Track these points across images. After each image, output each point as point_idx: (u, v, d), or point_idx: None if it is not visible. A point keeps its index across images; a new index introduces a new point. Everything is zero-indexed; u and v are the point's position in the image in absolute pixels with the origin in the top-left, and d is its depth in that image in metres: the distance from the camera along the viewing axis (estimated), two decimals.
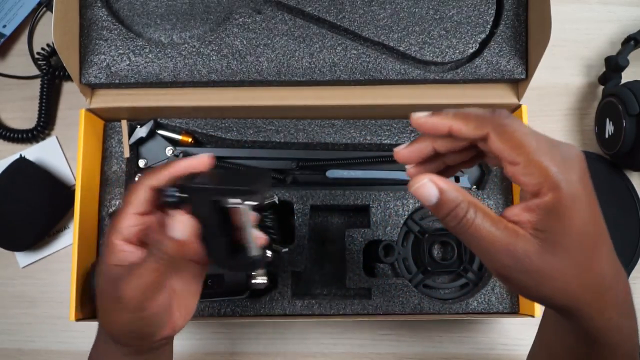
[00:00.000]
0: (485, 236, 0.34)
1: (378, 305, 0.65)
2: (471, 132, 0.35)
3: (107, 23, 0.65)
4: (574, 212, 0.33)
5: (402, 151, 0.39)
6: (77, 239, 0.62)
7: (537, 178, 0.33)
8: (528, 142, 0.34)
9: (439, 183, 0.35)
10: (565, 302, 0.36)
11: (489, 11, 0.66)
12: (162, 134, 0.69)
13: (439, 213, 0.36)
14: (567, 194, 0.33)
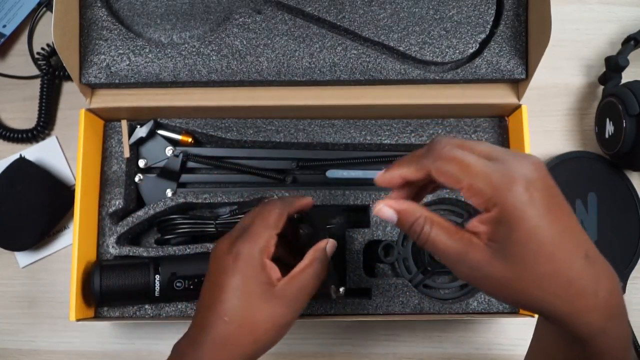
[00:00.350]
0: (441, 247, 0.38)
1: (378, 305, 0.65)
2: (417, 175, 0.40)
3: (107, 23, 0.65)
4: (522, 223, 0.35)
5: (378, 179, 0.43)
6: (77, 239, 0.62)
7: (479, 198, 0.36)
8: (466, 166, 0.37)
9: (394, 206, 0.40)
10: (535, 307, 0.37)
11: (489, 11, 0.66)
12: (162, 134, 0.69)
13: (402, 229, 0.41)
14: (511, 207, 0.35)
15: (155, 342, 0.70)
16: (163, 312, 0.66)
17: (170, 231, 0.67)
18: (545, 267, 0.35)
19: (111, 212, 0.67)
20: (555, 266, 0.35)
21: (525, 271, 0.36)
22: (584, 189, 0.70)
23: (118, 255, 0.66)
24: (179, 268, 0.64)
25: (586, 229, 0.69)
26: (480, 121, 0.69)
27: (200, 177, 0.70)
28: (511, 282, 0.36)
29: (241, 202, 0.67)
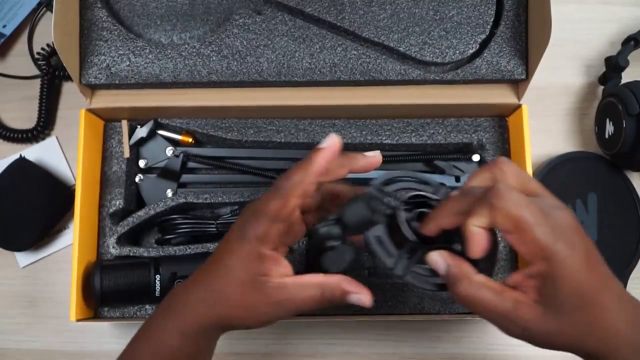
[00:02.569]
0: (489, 307, 0.38)
1: (378, 305, 0.65)
2: (481, 223, 0.39)
3: (107, 24, 0.65)
4: (567, 278, 0.36)
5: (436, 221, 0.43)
6: (77, 239, 0.62)
7: (530, 248, 0.37)
8: (520, 216, 0.37)
9: (448, 259, 0.41)
10: (577, 352, 0.39)
11: (489, 11, 0.66)
12: (162, 134, 0.69)
13: (446, 280, 0.41)
14: (558, 262, 0.36)
15: None
16: None
17: (170, 231, 0.67)
18: (590, 316, 0.37)
19: (111, 212, 0.67)
20: (598, 313, 0.37)
21: (574, 322, 0.37)
22: (584, 189, 0.70)
23: (118, 255, 0.66)
24: (180, 268, 0.64)
25: (586, 229, 0.69)
26: (480, 121, 0.69)
27: (201, 177, 0.70)
28: (561, 333, 0.37)
29: (242, 202, 0.67)
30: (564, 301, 0.37)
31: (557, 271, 0.36)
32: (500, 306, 0.38)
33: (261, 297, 0.44)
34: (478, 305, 0.39)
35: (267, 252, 0.44)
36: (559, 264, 0.36)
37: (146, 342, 0.47)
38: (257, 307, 0.44)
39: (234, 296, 0.44)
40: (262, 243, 0.44)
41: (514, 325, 0.38)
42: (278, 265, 0.45)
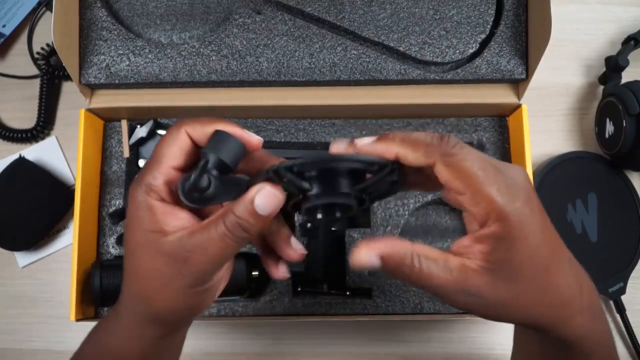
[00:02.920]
0: (435, 281, 0.34)
1: (378, 305, 0.65)
2: (418, 160, 0.35)
3: (106, 23, 0.65)
4: (523, 241, 0.33)
5: (364, 147, 0.37)
6: (77, 239, 0.62)
7: (484, 209, 0.33)
8: (474, 172, 0.33)
9: (377, 246, 0.35)
10: (529, 322, 0.36)
11: (489, 11, 0.66)
12: (162, 134, 0.69)
13: (386, 271, 0.35)
14: (515, 223, 0.33)
15: None
16: None
17: None
18: (545, 281, 0.35)
19: (111, 212, 0.67)
20: (551, 279, 0.35)
21: (526, 289, 0.34)
22: (584, 189, 0.70)
23: (118, 255, 0.66)
24: None
25: (586, 229, 0.69)
26: (480, 120, 0.69)
27: None
28: (513, 301, 0.34)
29: None
30: (518, 266, 0.34)
31: (512, 233, 0.33)
32: (449, 279, 0.34)
33: (162, 258, 0.36)
34: (424, 282, 0.34)
35: (155, 203, 0.37)
36: (515, 225, 0.33)
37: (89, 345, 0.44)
38: (163, 276, 0.36)
39: (137, 269, 0.37)
40: (148, 192, 0.37)
41: (462, 296, 0.34)
42: (172, 215, 0.37)
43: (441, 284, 0.34)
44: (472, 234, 0.34)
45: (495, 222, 0.33)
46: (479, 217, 0.34)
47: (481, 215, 0.33)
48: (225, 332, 0.70)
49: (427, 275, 0.34)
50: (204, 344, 0.69)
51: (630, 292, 0.68)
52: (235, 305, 0.65)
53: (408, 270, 0.34)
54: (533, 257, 0.34)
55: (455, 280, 0.34)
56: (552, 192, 0.69)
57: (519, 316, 0.35)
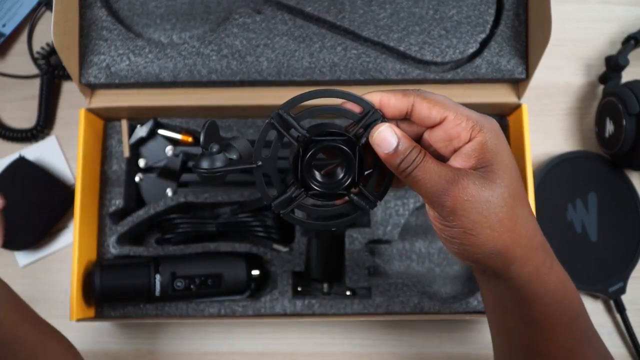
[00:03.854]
0: (431, 176, 0.37)
1: (378, 305, 0.65)
2: (397, 102, 0.39)
3: (107, 23, 0.65)
4: (502, 148, 0.38)
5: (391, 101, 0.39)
6: (77, 239, 0.62)
7: (468, 124, 0.38)
8: (450, 101, 0.39)
9: (396, 130, 0.38)
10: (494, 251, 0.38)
11: (489, 11, 0.66)
12: (162, 134, 0.69)
13: (394, 159, 0.38)
14: (494, 133, 0.38)
15: (155, 342, 0.70)
16: (163, 311, 0.66)
17: (170, 231, 0.67)
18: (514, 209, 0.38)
19: (111, 211, 0.67)
20: (519, 209, 0.39)
21: (502, 207, 0.37)
22: (584, 188, 0.70)
23: (118, 255, 0.66)
24: (180, 268, 0.64)
25: (586, 228, 0.69)
26: None
27: None
28: (490, 218, 0.37)
29: (242, 202, 0.67)
30: (501, 168, 0.38)
31: (494, 140, 0.38)
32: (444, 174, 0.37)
33: None
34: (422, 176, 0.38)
35: None
36: (495, 135, 0.38)
37: None
38: None
39: None
40: None
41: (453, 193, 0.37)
42: None
43: (435, 178, 0.37)
44: (459, 154, 0.38)
45: (480, 132, 0.38)
46: (464, 134, 0.38)
47: (466, 131, 0.38)
48: (225, 331, 0.70)
49: (425, 169, 0.37)
50: (204, 344, 0.69)
51: (630, 292, 0.68)
52: (235, 305, 0.65)
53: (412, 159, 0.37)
54: (510, 168, 0.38)
55: (450, 177, 0.37)
56: (552, 192, 0.69)
57: (489, 243, 0.38)
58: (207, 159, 0.41)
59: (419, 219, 0.70)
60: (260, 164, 0.41)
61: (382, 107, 0.39)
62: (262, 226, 0.66)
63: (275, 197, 0.41)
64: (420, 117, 0.39)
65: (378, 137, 0.38)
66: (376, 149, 0.38)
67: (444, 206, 0.37)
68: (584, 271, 0.68)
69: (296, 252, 0.66)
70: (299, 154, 0.40)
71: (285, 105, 0.40)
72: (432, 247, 0.70)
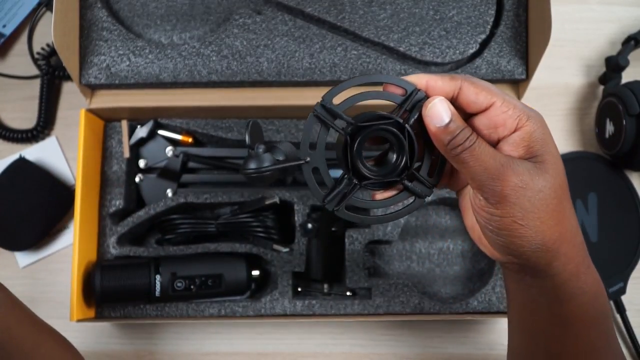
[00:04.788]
0: (485, 158, 0.36)
1: (378, 305, 0.65)
2: (446, 85, 0.38)
3: (107, 24, 0.65)
4: (550, 140, 0.37)
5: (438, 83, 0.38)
6: (77, 239, 0.62)
7: (515, 112, 0.37)
8: (495, 88, 0.38)
9: (450, 106, 0.37)
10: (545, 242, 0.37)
11: (489, 11, 0.66)
12: (162, 134, 0.69)
13: (444, 136, 0.36)
14: (541, 124, 0.37)
15: (156, 342, 0.70)
16: (164, 312, 0.66)
17: (170, 231, 0.67)
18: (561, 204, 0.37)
19: (111, 212, 0.67)
20: (565, 206, 0.38)
21: (551, 202, 0.36)
22: (584, 189, 0.70)
23: (119, 255, 0.66)
24: (180, 268, 0.64)
25: (586, 229, 0.69)
26: None
27: (201, 177, 0.70)
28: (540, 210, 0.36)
29: (242, 202, 0.67)
30: (550, 158, 0.37)
31: (542, 129, 0.37)
32: (499, 159, 0.36)
33: None
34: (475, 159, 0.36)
35: None
36: (543, 124, 0.37)
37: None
38: None
39: None
40: None
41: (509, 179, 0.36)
42: None
43: (489, 164, 0.36)
44: (509, 138, 0.37)
45: (527, 121, 0.37)
46: (511, 122, 0.37)
47: (513, 120, 0.37)
48: (225, 332, 0.70)
49: (480, 152, 0.36)
50: (204, 344, 0.70)
51: (630, 292, 0.68)
52: (235, 305, 0.65)
53: (465, 138, 0.36)
54: (558, 166, 0.37)
55: (504, 162, 0.36)
56: None
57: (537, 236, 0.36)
58: (254, 159, 0.40)
59: (419, 219, 0.70)
60: (308, 159, 0.39)
61: (429, 89, 0.38)
62: (262, 227, 0.66)
63: (327, 194, 0.39)
64: (468, 101, 0.37)
65: (432, 110, 0.37)
66: (428, 122, 0.37)
67: (496, 192, 0.36)
68: None
69: (296, 253, 0.66)
70: (346, 144, 0.38)
71: (326, 95, 0.38)
72: (432, 248, 0.70)
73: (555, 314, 0.40)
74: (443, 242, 0.70)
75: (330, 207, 0.39)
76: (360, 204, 0.39)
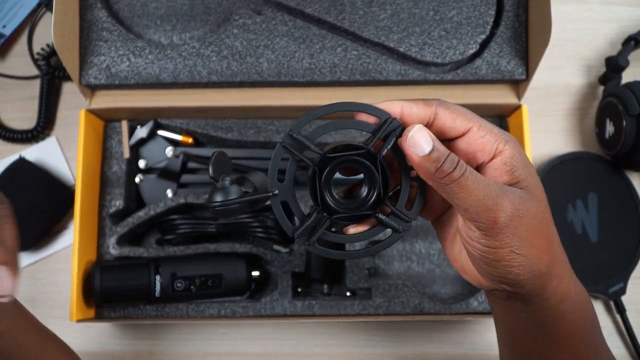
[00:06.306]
0: (479, 187, 0.34)
1: (378, 306, 0.65)
2: (421, 111, 0.36)
3: (107, 24, 0.65)
4: (529, 163, 0.37)
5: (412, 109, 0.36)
6: (77, 239, 0.62)
7: (492, 137, 0.36)
8: (471, 113, 0.37)
9: (433, 138, 0.34)
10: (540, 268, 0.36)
11: (489, 12, 0.66)
12: (162, 135, 0.69)
13: (429, 165, 0.34)
14: (518, 148, 0.36)
15: (156, 343, 0.70)
16: (163, 312, 0.66)
17: (170, 231, 0.67)
18: (548, 229, 0.37)
19: (111, 212, 0.67)
20: (551, 229, 0.37)
21: (540, 227, 0.36)
22: (584, 189, 0.70)
23: (119, 255, 0.66)
24: (180, 268, 0.64)
25: (586, 229, 0.69)
26: None
27: (201, 177, 0.70)
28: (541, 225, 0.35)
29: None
30: (533, 181, 0.36)
31: (522, 156, 0.36)
32: (492, 189, 0.34)
33: None
34: (464, 189, 0.34)
35: None
36: (520, 152, 0.36)
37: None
38: None
39: None
40: None
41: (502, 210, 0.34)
42: None
43: (481, 192, 0.34)
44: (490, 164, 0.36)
45: (506, 145, 0.36)
46: (489, 147, 0.36)
47: (491, 145, 0.36)
48: (225, 332, 0.70)
49: (471, 181, 0.34)
50: (204, 345, 0.70)
51: (630, 292, 0.68)
52: (235, 305, 0.65)
53: (451, 168, 0.34)
54: (542, 190, 0.36)
55: (496, 192, 0.34)
56: (552, 193, 0.68)
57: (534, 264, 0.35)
58: (219, 192, 0.38)
59: (419, 219, 0.70)
60: (276, 192, 0.37)
61: (403, 116, 0.36)
62: (262, 227, 0.66)
63: (297, 227, 0.37)
64: (444, 127, 0.36)
65: (412, 139, 0.34)
66: (410, 152, 0.34)
67: (495, 222, 0.34)
68: (584, 272, 0.67)
69: (296, 253, 0.66)
70: (315, 175, 0.36)
71: (295, 125, 0.37)
72: (432, 248, 0.70)
73: (547, 334, 0.39)
74: None
75: (300, 242, 0.37)
76: (333, 239, 0.38)
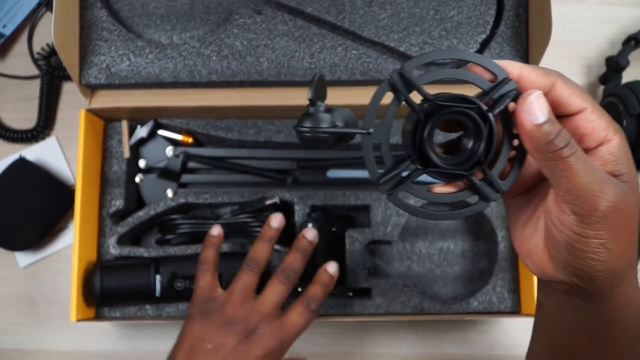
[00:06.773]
0: (588, 169, 0.32)
1: (378, 306, 0.65)
2: (539, 79, 0.33)
3: (107, 24, 0.65)
4: (631, 157, 0.34)
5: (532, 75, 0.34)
6: (77, 239, 0.62)
7: (603, 123, 0.33)
8: (587, 94, 0.34)
9: (550, 111, 0.32)
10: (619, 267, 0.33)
11: (489, 11, 0.66)
12: (162, 134, 0.69)
13: (540, 135, 0.32)
14: (625, 139, 0.33)
15: (156, 343, 0.70)
16: (164, 312, 0.66)
17: (170, 231, 0.67)
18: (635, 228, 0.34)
19: (112, 212, 0.67)
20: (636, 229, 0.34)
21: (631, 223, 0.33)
22: None
23: (119, 255, 0.66)
24: (180, 268, 0.64)
25: None
26: None
27: (201, 177, 0.70)
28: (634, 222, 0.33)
29: (242, 203, 0.67)
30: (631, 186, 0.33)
31: (627, 149, 0.33)
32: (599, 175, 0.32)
33: None
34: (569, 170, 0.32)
35: None
36: (625, 144, 0.33)
37: None
38: None
39: None
40: None
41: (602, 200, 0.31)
42: None
43: (585, 180, 0.32)
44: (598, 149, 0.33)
45: (616, 135, 0.33)
46: (598, 132, 0.33)
47: (602, 130, 0.33)
48: None
49: (575, 164, 0.32)
50: None
51: None
52: None
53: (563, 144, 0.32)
54: (637, 189, 0.34)
55: (600, 179, 0.32)
56: None
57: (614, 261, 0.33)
58: (312, 117, 0.35)
59: (419, 219, 0.70)
60: (371, 131, 0.35)
61: (521, 79, 0.34)
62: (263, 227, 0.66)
63: (383, 174, 0.35)
64: (559, 101, 0.33)
65: (530, 105, 0.32)
66: (523, 118, 0.32)
67: (595, 209, 0.32)
68: None
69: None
70: (418, 122, 0.33)
71: (407, 64, 0.33)
72: (432, 248, 0.70)
73: (598, 337, 0.37)
74: (443, 242, 0.70)
75: (384, 190, 0.35)
76: (417, 194, 0.35)
